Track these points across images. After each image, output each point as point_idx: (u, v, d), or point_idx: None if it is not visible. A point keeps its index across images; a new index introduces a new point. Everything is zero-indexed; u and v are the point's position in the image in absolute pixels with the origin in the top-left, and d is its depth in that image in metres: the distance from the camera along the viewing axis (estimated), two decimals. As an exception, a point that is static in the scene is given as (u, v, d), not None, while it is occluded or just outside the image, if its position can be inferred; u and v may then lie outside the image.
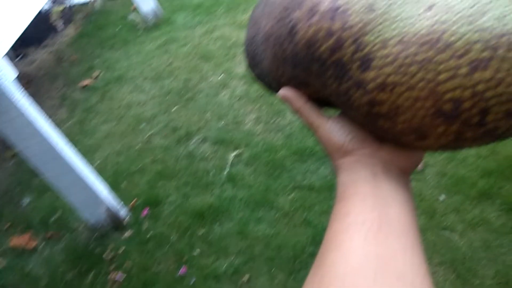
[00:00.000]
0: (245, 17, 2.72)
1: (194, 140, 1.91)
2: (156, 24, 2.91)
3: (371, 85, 0.31)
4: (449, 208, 1.36)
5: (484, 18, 0.26)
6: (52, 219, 1.74)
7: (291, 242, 1.41)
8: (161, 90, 2.29)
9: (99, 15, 3.29)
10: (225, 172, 1.72)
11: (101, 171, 1.85)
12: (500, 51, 0.25)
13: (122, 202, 1.61)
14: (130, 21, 2.99)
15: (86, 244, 1.58)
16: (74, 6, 3.40)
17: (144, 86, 2.36)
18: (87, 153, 2.00)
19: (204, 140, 1.91)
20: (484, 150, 1.49)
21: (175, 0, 3.21)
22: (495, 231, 1.28)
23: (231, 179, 1.68)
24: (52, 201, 1.80)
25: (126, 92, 2.35)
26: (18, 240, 1.68)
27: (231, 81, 2.21)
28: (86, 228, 1.62)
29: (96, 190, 1.51)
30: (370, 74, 0.30)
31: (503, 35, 0.25)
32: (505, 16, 0.26)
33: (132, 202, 1.65)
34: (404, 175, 0.38)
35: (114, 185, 1.74)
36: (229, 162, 1.77)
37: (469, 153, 1.51)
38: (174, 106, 2.16)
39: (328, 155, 0.40)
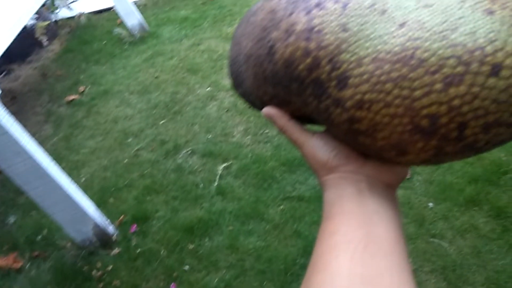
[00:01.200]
0: (231, 29, 2.73)
1: (182, 153, 1.90)
2: (142, 37, 2.91)
3: (349, 103, 0.31)
4: (438, 215, 1.37)
5: (456, 34, 0.26)
6: (38, 237, 1.71)
7: (282, 254, 1.39)
8: (148, 103, 2.28)
9: (85, 29, 3.28)
10: (214, 185, 1.71)
11: (88, 187, 1.83)
12: (473, 66, 0.26)
13: (109, 219, 1.59)
14: (115, 35, 2.98)
15: (74, 263, 1.55)
16: (59, 21, 3.38)
17: (131, 100, 2.34)
18: (73, 169, 1.97)
19: (192, 153, 1.90)
20: (470, 156, 1.51)
21: (160, 14, 3.21)
22: (484, 237, 1.28)
23: (221, 191, 1.67)
24: (38, 219, 1.76)
25: (112, 106, 2.33)
26: (4, 261, 1.64)
27: (219, 93, 2.21)
28: (73, 246, 1.59)
29: (82, 207, 1.48)
30: (348, 92, 0.30)
31: (475, 50, 0.26)
32: (476, 31, 0.26)
33: (120, 218, 1.63)
34: (389, 190, 0.38)
35: (101, 201, 1.72)
36: (218, 174, 1.76)
37: (456, 160, 1.52)
38: (162, 120, 2.15)
39: (314, 172, 0.40)
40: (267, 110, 0.41)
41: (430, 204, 1.41)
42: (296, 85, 0.35)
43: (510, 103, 0.26)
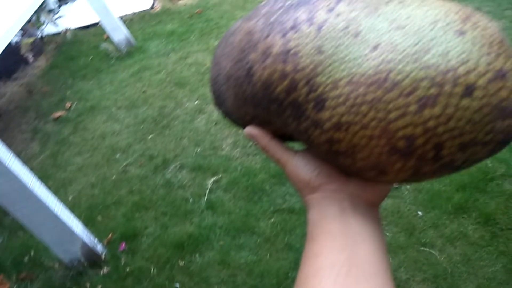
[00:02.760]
0: (218, 42, 2.74)
1: (171, 168, 1.89)
2: (129, 52, 2.91)
3: (327, 125, 0.31)
4: (427, 223, 1.37)
5: (429, 55, 0.26)
6: (25, 259, 1.67)
7: (274, 268, 1.38)
8: (136, 118, 2.27)
9: (71, 45, 3.26)
10: (204, 199, 1.69)
11: (75, 205, 1.80)
12: (447, 87, 0.26)
13: (98, 237, 1.56)
14: (102, 50, 2.97)
15: (62, 284, 1.52)
16: (45, 37, 3.36)
17: (118, 115, 2.33)
18: (60, 187, 1.94)
19: (181, 167, 1.89)
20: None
21: (147, 28, 3.22)
22: (474, 244, 1.29)
23: (210, 206, 1.66)
24: (24, 240, 1.73)
25: (99, 122, 2.31)
26: (-11, 284, 1.59)
27: (207, 107, 2.21)
28: (62, 267, 1.56)
29: (70, 226, 1.45)
30: (325, 114, 0.30)
31: (448, 71, 0.26)
32: (449, 51, 0.26)
33: (109, 237, 1.60)
34: (372, 208, 0.38)
35: (89, 219, 1.69)
36: (208, 188, 1.75)
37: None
38: (150, 134, 2.13)
39: (298, 191, 0.40)
40: (249, 130, 0.41)
41: (420, 213, 1.42)
42: (275, 107, 0.35)
43: (485, 123, 0.26)
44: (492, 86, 0.26)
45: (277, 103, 0.34)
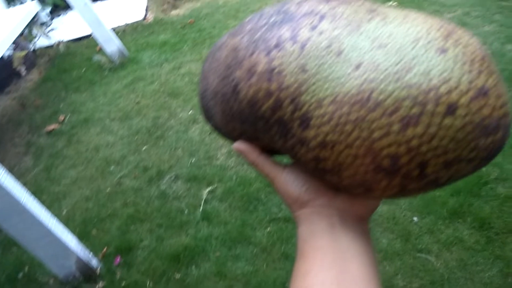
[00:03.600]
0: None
1: (166, 179, 1.88)
2: (122, 63, 2.91)
3: (312, 143, 0.31)
4: (423, 229, 1.37)
5: (410, 75, 0.26)
6: (20, 275, 1.65)
7: (271, 278, 1.37)
8: (130, 130, 2.26)
9: (64, 57, 3.26)
10: (199, 210, 1.69)
11: (69, 219, 1.79)
12: (429, 106, 0.26)
13: (92, 251, 1.55)
14: (95, 62, 2.97)
15: (57, 300, 1.50)
16: (37, 50, 3.36)
17: (112, 127, 2.32)
18: (54, 201, 1.93)
19: (176, 178, 1.88)
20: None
21: (140, 39, 3.22)
22: (470, 249, 1.29)
23: (206, 216, 1.65)
24: (18, 255, 1.70)
25: (93, 134, 2.30)
26: (-17, 301, 1.57)
27: (201, 116, 2.21)
28: (56, 282, 1.54)
29: (64, 241, 1.44)
30: (311, 133, 0.30)
31: (430, 90, 0.26)
32: (430, 70, 0.26)
33: (104, 250, 1.58)
34: (361, 222, 0.38)
35: (83, 233, 1.68)
36: (203, 199, 1.74)
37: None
38: (144, 146, 2.12)
39: (287, 207, 0.40)
40: (237, 145, 0.41)
41: (415, 219, 1.42)
42: (262, 124, 0.35)
43: (469, 141, 0.26)
44: (474, 104, 0.26)
45: (263, 121, 0.34)
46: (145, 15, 3.57)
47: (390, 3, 2.74)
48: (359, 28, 0.30)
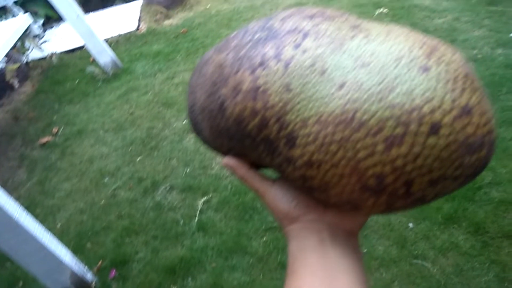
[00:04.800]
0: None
1: (160, 190, 1.87)
2: (116, 74, 2.91)
3: (299, 162, 0.31)
4: (418, 235, 1.37)
5: (393, 94, 0.26)
6: (14, 291, 1.63)
7: (268, 288, 1.36)
8: (124, 141, 2.25)
9: (57, 69, 3.25)
10: (195, 221, 1.68)
11: (64, 232, 1.77)
12: (412, 126, 0.26)
13: (87, 265, 1.53)
14: (88, 74, 2.97)
15: (52, 315, 1.48)
16: (30, 62, 3.35)
17: (106, 138, 2.31)
18: (48, 215, 1.91)
19: (171, 188, 1.87)
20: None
21: (133, 49, 3.23)
22: (465, 254, 1.29)
23: (201, 227, 1.64)
24: (12, 271, 1.68)
25: (87, 146, 2.29)
26: (-24, 319, 1.55)
27: (195, 126, 2.20)
28: (51, 297, 1.52)
29: (58, 256, 1.42)
30: (297, 152, 0.30)
31: (413, 110, 0.26)
32: (413, 90, 0.26)
33: (99, 264, 1.57)
34: (351, 236, 0.38)
35: (78, 246, 1.66)
36: (198, 209, 1.73)
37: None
38: (138, 156, 2.12)
39: (277, 222, 0.40)
40: (226, 160, 0.41)
41: (410, 225, 1.42)
42: (249, 142, 0.35)
43: (453, 159, 0.26)
44: (458, 123, 0.26)
45: (250, 139, 0.34)
46: (138, 26, 3.57)
47: (381, 10, 2.76)
48: (342, 46, 0.30)
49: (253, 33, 0.35)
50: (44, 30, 3.93)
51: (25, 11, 3.43)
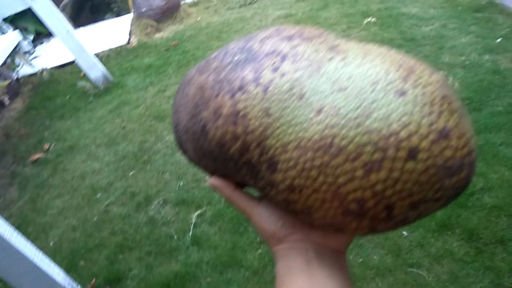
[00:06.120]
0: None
1: (154, 205, 1.86)
2: (107, 88, 2.90)
3: (281, 186, 0.31)
4: (413, 243, 1.37)
5: (370, 120, 0.26)
6: (5, 312, 1.60)
7: (263, 301, 1.35)
8: (116, 155, 2.24)
9: (48, 85, 3.24)
10: (189, 235, 1.66)
11: (57, 251, 1.75)
12: (390, 152, 0.26)
13: (81, 284, 1.51)
14: (79, 89, 2.96)
15: (45, 336, 1.45)
16: (20, 78, 3.34)
17: (98, 153, 2.30)
18: (41, 233, 1.89)
19: (164, 203, 1.86)
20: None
21: (124, 63, 3.23)
22: (460, 261, 1.29)
23: (196, 241, 1.63)
24: (4, 291, 1.66)
25: (79, 161, 2.27)
26: None
27: (187, 139, 2.20)
28: (44, 318, 1.49)
29: (51, 275, 1.40)
30: (278, 176, 0.30)
31: (390, 135, 0.26)
32: (390, 115, 0.26)
33: (92, 282, 1.55)
34: (338, 255, 0.38)
35: (71, 265, 1.64)
36: (192, 223, 1.72)
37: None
38: (131, 171, 2.10)
39: (265, 242, 0.40)
40: (212, 181, 0.41)
41: (404, 233, 1.42)
42: (232, 165, 0.35)
43: (433, 183, 0.26)
44: (436, 147, 0.26)
45: (233, 162, 0.34)
46: (129, 39, 3.58)
47: (369, 19, 2.79)
48: (319, 69, 0.30)
49: (233, 54, 0.36)
50: (34, 46, 3.92)
51: (15, 27, 3.43)
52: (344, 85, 0.28)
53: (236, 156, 0.33)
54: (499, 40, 2.29)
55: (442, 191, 0.27)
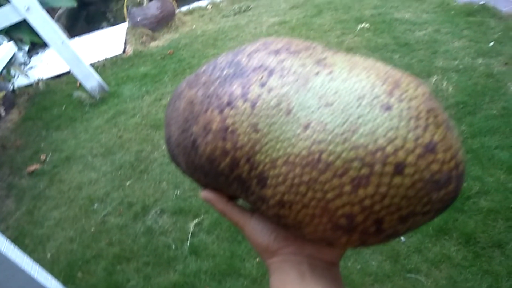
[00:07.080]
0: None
1: (151, 214, 1.85)
2: (103, 98, 2.90)
3: (271, 202, 0.31)
4: (411, 249, 1.37)
5: (357, 135, 0.27)
6: (3, 326, 1.58)
7: (262, 310, 1.35)
8: (113, 165, 2.24)
9: (43, 95, 3.24)
10: (187, 244, 1.66)
11: (54, 263, 1.74)
12: (377, 167, 0.26)
13: (78, 296, 1.50)
14: (75, 99, 2.96)
15: None
16: (16, 89, 3.33)
17: (95, 164, 2.29)
18: (38, 245, 1.88)
19: (161, 212, 1.85)
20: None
21: (120, 72, 3.23)
22: (458, 266, 1.29)
23: (194, 250, 1.62)
24: (1, 305, 1.64)
25: (75, 172, 2.27)
26: None
27: (184, 147, 2.20)
28: (41, 331, 1.48)
29: (48, 288, 1.39)
30: (268, 192, 0.30)
31: (377, 151, 0.26)
32: (376, 130, 0.26)
33: (90, 294, 1.54)
34: (331, 267, 0.38)
35: (69, 277, 1.63)
36: (190, 232, 1.71)
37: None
38: (128, 181, 2.10)
39: (259, 255, 0.40)
40: (205, 194, 0.41)
41: (402, 238, 1.42)
42: (223, 179, 0.35)
43: (421, 196, 0.26)
44: (422, 161, 0.26)
45: (223, 177, 0.34)
46: (124, 49, 3.59)
47: (363, 25, 2.81)
48: (306, 84, 0.31)
49: (221, 69, 0.36)
50: (30, 57, 3.93)
51: (10, 38, 3.43)
52: (330, 100, 0.29)
53: (226, 172, 0.33)
54: (491, 43, 2.30)
55: (430, 204, 0.27)
